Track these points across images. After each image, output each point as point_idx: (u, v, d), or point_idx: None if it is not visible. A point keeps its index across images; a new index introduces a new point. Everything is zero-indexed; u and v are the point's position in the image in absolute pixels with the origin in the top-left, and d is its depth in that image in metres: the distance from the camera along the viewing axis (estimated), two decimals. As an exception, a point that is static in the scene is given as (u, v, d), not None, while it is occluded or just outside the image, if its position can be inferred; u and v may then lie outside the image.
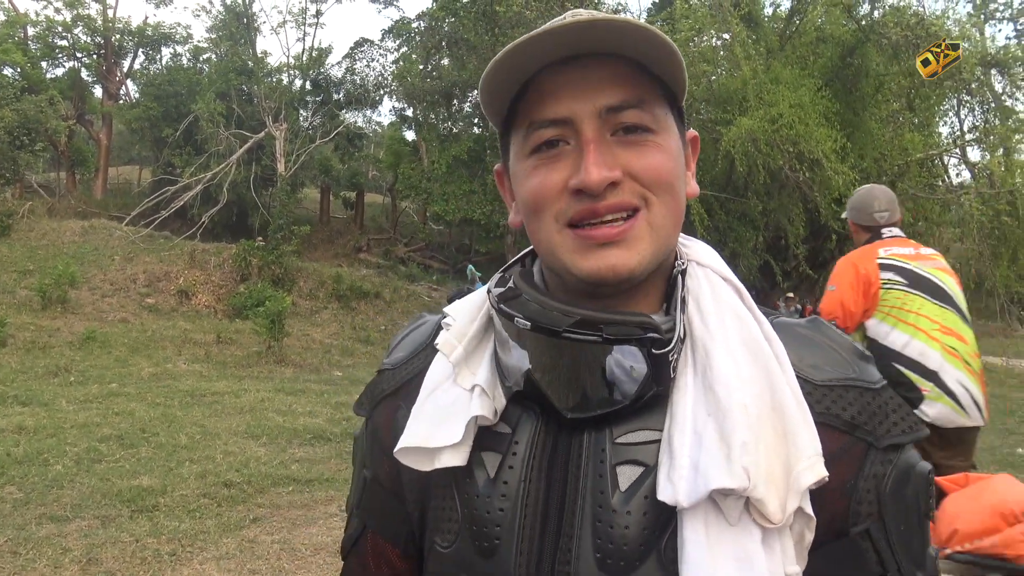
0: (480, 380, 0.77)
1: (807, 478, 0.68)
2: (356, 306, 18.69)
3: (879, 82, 15.41)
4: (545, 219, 0.74)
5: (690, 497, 0.67)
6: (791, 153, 13.37)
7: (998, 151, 15.18)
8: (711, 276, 0.80)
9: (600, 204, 0.71)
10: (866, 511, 0.73)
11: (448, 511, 0.79)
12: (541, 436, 0.76)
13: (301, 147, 25.93)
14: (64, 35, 28.70)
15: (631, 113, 0.72)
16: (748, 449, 0.67)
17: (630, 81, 0.73)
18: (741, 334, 0.74)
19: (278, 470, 6.35)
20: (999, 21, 18.31)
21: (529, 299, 0.74)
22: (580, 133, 0.72)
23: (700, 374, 0.72)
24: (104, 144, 29.61)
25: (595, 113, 0.72)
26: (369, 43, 29.95)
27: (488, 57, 19.81)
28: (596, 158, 0.70)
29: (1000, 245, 14.77)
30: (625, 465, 0.73)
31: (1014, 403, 13.34)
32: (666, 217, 0.74)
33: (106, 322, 14.61)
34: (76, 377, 10.37)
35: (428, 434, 0.77)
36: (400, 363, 0.89)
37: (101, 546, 4.58)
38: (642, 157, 0.72)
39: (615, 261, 0.72)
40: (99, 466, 6.21)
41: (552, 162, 0.73)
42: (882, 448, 0.74)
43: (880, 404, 0.75)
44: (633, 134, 0.73)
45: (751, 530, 0.67)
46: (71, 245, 18.80)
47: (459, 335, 0.81)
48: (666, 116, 0.76)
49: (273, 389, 10.12)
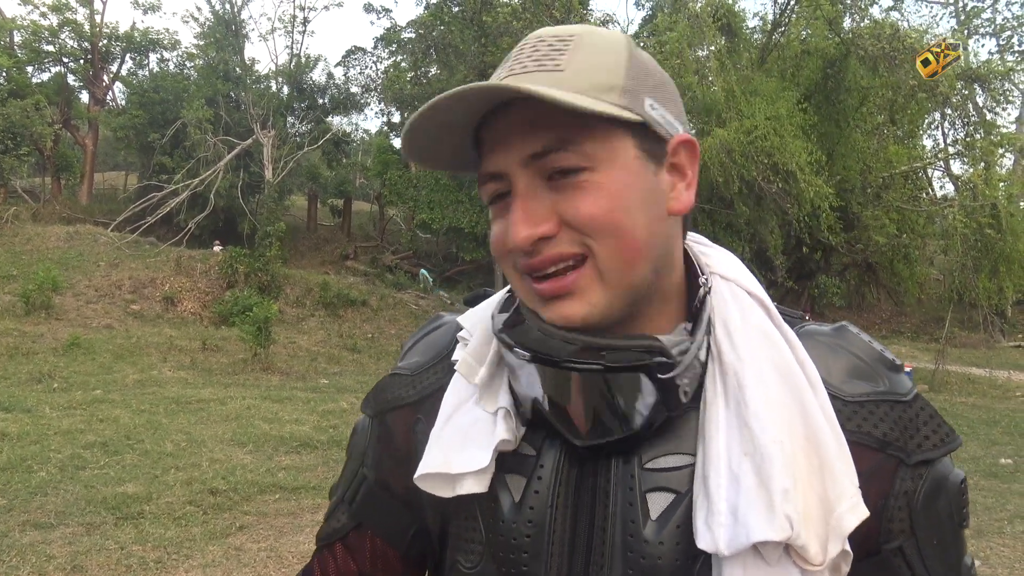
0: (503, 403, 0.75)
1: (850, 521, 0.67)
2: (343, 314, 18.64)
3: (863, 95, 15.57)
4: (507, 268, 0.73)
5: (731, 547, 0.65)
6: (765, 165, 13.48)
7: (980, 164, 15.35)
8: (737, 292, 0.77)
9: (534, 260, 0.68)
10: (898, 528, 0.72)
11: (471, 532, 0.77)
12: (567, 460, 0.74)
13: (289, 154, 25.90)
14: (51, 40, 28.52)
15: (554, 157, 0.67)
16: (789, 496, 0.65)
17: (552, 120, 0.66)
18: (773, 359, 0.72)
19: (264, 478, 6.32)
20: (982, 36, 18.52)
21: (531, 325, 0.72)
22: (514, 186, 0.69)
23: (733, 406, 0.70)
24: (90, 149, 29.43)
25: (521, 163, 0.68)
26: (362, 51, 30.00)
27: (476, 64, 19.97)
28: (521, 216, 0.67)
29: (983, 257, 14.92)
30: (656, 492, 0.71)
31: (997, 414, 13.44)
32: (614, 260, 0.68)
33: (90, 328, 14.51)
34: (60, 383, 10.30)
35: (448, 460, 0.75)
36: (418, 369, 0.87)
37: (86, 553, 4.55)
38: (575, 203, 0.67)
39: (566, 312, 0.69)
40: (83, 473, 6.16)
41: (503, 214, 0.71)
42: (912, 464, 0.72)
43: (911, 417, 0.73)
44: (567, 177, 0.67)
45: (791, 572, 0.66)
46: (56, 250, 18.68)
47: (478, 356, 0.78)
48: (606, 145, 0.68)
49: (259, 396, 10.06)
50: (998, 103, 16.24)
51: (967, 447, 10.35)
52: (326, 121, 30.59)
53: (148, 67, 32.69)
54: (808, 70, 16.27)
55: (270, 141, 24.90)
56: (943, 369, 16.56)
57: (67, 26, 28.67)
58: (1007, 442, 10.86)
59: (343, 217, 33.41)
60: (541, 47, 0.70)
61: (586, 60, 0.69)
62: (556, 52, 0.69)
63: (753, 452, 0.67)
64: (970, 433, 11.46)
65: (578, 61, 0.69)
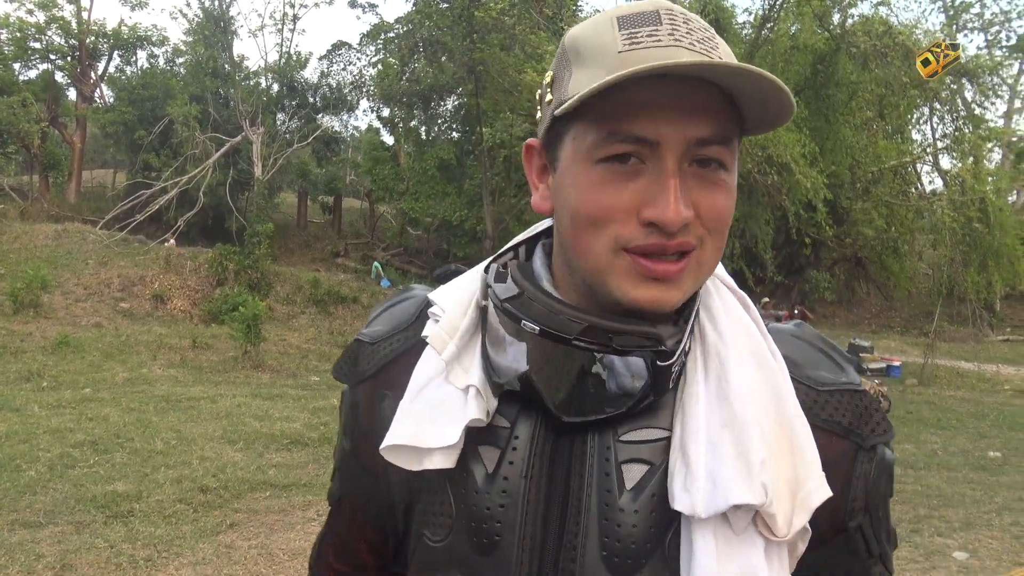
0: (474, 380, 0.75)
1: (817, 498, 0.71)
2: (334, 311, 18.62)
3: (852, 90, 15.62)
4: (602, 237, 0.69)
5: (708, 509, 0.67)
6: (760, 157, 13.52)
7: (968, 159, 15.43)
8: (718, 285, 0.80)
9: (671, 242, 0.68)
10: (859, 507, 0.77)
11: (440, 505, 0.77)
12: (542, 432, 0.75)
13: (278, 151, 25.83)
14: (37, 37, 28.33)
15: (716, 149, 0.68)
16: (766, 466, 0.68)
17: (720, 113, 0.68)
18: (750, 346, 0.75)
19: (255, 475, 6.30)
20: (971, 31, 18.59)
21: (535, 300, 0.72)
22: (662, 159, 0.67)
23: (714, 383, 0.73)
24: (78, 147, 29.28)
25: (683, 142, 0.67)
26: (347, 46, 29.88)
27: (464, 61, 19.95)
28: (677, 195, 0.66)
29: (971, 252, 15.01)
30: (631, 463, 0.73)
31: (986, 407, 13.53)
32: (713, 257, 0.72)
33: (79, 327, 14.44)
34: (49, 382, 10.25)
35: (418, 433, 0.75)
36: (378, 338, 0.87)
37: (75, 552, 4.52)
38: (712, 198, 0.69)
39: (662, 296, 0.69)
40: (73, 472, 6.13)
41: (623, 180, 0.68)
42: (867, 448, 0.77)
43: (865, 405, 0.78)
44: (707, 168, 0.68)
45: (755, 541, 0.69)
46: (44, 249, 18.57)
47: (450, 329, 0.78)
48: (737, 149, 0.71)
49: (250, 394, 10.04)
50: (987, 98, 16.34)
51: (956, 440, 10.40)
52: (316, 119, 30.49)
53: (136, 64, 32.59)
54: (797, 65, 16.32)
55: (259, 138, 24.82)
56: (932, 363, 16.65)
57: (54, 23, 28.50)
58: (995, 435, 10.92)
59: (333, 214, 33.35)
60: (696, 29, 0.68)
61: (728, 55, 0.69)
62: (710, 40, 0.68)
63: (732, 425, 0.70)
64: (959, 426, 11.52)
65: (726, 54, 0.68)
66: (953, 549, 5.48)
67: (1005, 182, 17.02)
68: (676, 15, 0.69)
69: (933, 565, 5.17)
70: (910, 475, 8.08)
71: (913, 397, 14.15)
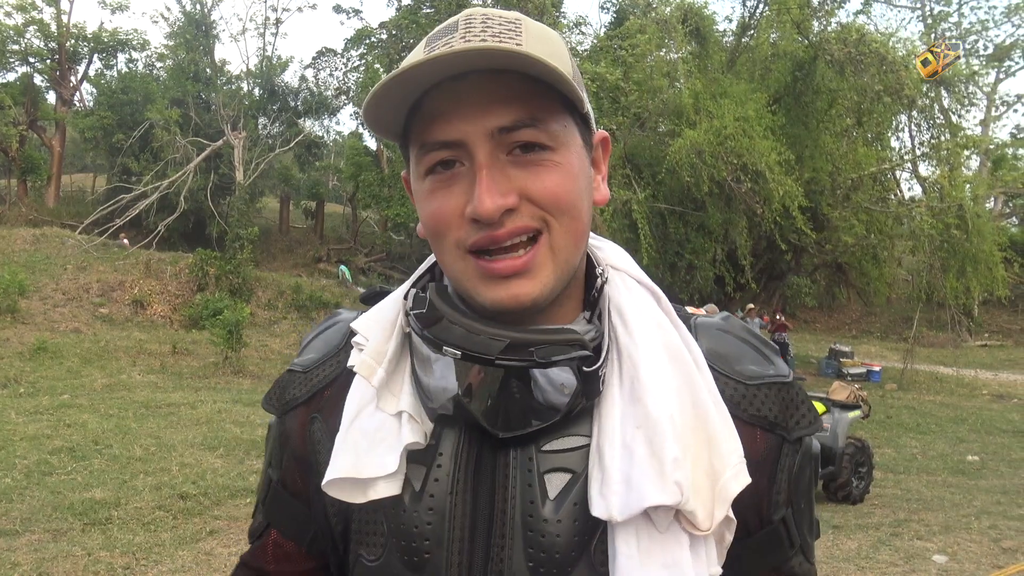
0: (405, 405, 0.75)
1: (734, 487, 0.71)
2: (316, 316, 18.51)
3: (832, 97, 15.74)
4: (446, 245, 0.72)
5: (623, 512, 0.68)
6: (735, 165, 13.60)
7: (946, 166, 15.59)
8: (628, 281, 0.80)
9: (498, 232, 0.69)
10: (783, 500, 0.78)
11: (373, 525, 0.77)
12: (465, 448, 0.75)
13: (260, 156, 25.69)
14: (16, 40, 28.05)
15: (525, 132, 0.69)
16: (680, 464, 0.68)
17: (523, 97, 0.69)
18: (663, 341, 0.75)
19: (235, 482, 6.26)
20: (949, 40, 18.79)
21: (455, 323, 0.72)
22: (473, 157, 0.69)
23: (627, 385, 0.73)
24: (57, 151, 29.03)
25: (487, 135, 0.68)
26: (332, 53, 29.81)
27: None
28: (489, 185, 0.67)
29: (950, 258, 15.15)
30: (553, 473, 0.73)
31: (964, 412, 13.66)
32: (568, 239, 0.72)
33: (58, 332, 14.29)
34: (26, 388, 10.13)
35: (356, 464, 0.75)
36: (310, 366, 0.87)
37: (52, 560, 4.47)
38: (539, 179, 0.69)
39: (517, 291, 0.70)
40: (50, 479, 6.07)
41: (447, 186, 0.70)
42: (792, 441, 0.79)
43: (791, 398, 0.79)
44: (529, 153, 0.69)
45: (680, 537, 0.70)
46: (22, 254, 18.37)
47: (377, 355, 0.77)
48: (565, 129, 0.72)
49: (230, 400, 9.98)
50: (963, 106, 16.52)
51: (935, 444, 10.50)
52: (298, 123, 30.37)
53: (116, 68, 32.32)
54: (777, 72, 16.43)
55: (241, 143, 24.67)
56: (911, 368, 16.80)
57: (33, 25, 28.23)
58: (974, 439, 11.03)
59: (316, 219, 33.22)
60: (493, 24, 0.70)
61: (540, 44, 0.70)
62: (511, 31, 0.69)
63: (645, 424, 0.70)
64: (938, 431, 11.63)
65: (533, 43, 0.69)
66: (933, 552, 5.52)
67: (983, 189, 17.19)
68: (475, 19, 0.71)
69: (913, 568, 5.21)
70: (890, 479, 8.14)
71: (893, 402, 14.28)
